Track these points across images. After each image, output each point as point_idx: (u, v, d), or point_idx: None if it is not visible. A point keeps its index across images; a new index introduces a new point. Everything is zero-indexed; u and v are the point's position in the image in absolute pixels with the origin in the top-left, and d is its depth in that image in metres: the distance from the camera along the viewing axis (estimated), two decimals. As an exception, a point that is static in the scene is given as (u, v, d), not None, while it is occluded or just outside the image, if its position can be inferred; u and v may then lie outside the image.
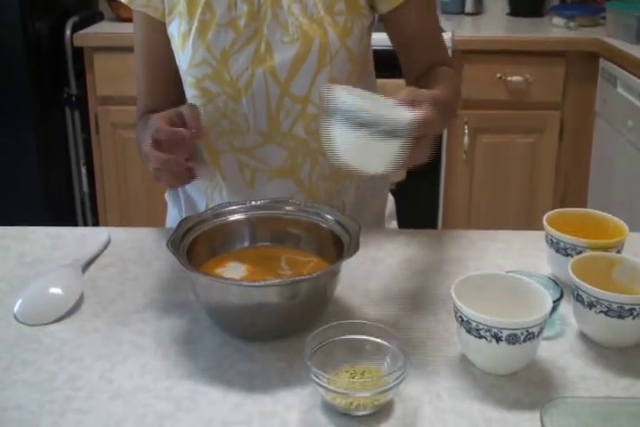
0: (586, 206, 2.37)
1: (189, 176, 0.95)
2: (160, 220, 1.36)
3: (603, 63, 2.33)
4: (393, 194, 1.37)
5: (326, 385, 0.72)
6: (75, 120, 2.56)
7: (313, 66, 1.08)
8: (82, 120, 2.55)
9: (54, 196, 2.53)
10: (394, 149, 0.82)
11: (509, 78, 2.38)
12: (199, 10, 1.07)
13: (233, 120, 1.12)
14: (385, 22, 1.15)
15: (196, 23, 1.07)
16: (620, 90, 2.20)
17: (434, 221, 2.53)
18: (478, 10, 2.82)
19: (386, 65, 1.28)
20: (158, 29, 1.13)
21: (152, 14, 1.11)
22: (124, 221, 2.56)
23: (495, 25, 2.73)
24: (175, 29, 1.10)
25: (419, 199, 2.42)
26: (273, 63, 1.07)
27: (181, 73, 1.13)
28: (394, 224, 1.33)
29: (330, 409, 0.74)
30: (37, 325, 0.89)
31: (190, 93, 1.13)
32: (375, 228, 1.26)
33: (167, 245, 0.87)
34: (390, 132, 0.81)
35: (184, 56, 1.09)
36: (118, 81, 2.41)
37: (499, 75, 2.39)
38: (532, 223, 1.03)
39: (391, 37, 1.17)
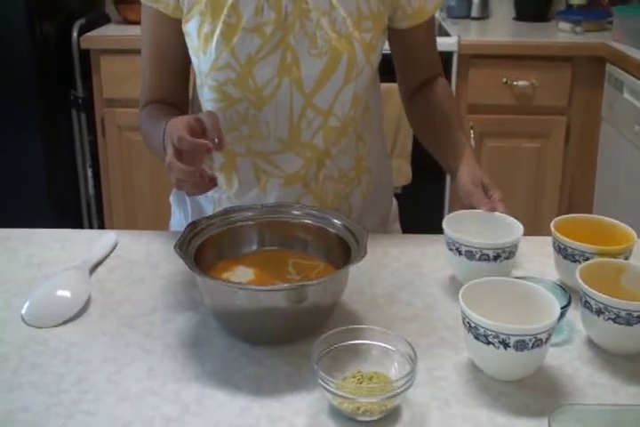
0: (592, 212, 2.37)
1: (211, 185, 0.93)
2: (166, 222, 1.36)
3: (609, 68, 2.33)
4: (399, 197, 1.37)
5: (334, 390, 0.72)
6: (81, 122, 2.57)
7: (339, 81, 1.08)
8: (88, 122, 2.56)
9: (60, 198, 2.54)
10: None
11: (515, 83, 2.38)
12: (224, 11, 1.05)
13: (253, 126, 1.11)
14: (393, 37, 1.18)
15: (220, 25, 1.05)
16: (626, 95, 2.19)
17: (439, 225, 2.53)
18: (484, 14, 2.82)
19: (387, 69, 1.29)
20: (167, 24, 1.11)
21: (162, 10, 1.10)
22: (130, 223, 2.57)
23: (501, 29, 2.73)
24: (194, 29, 1.08)
25: (424, 203, 2.42)
26: (300, 75, 1.07)
27: (200, 75, 1.11)
28: (397, 226, 1.34)
29: (337, 414, 0.74)
30: (45, 327, 0.89)
31: (209, 96, 1.11)
32: (379, 230, 1.26)
33: (175, 248, 0.87)
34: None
35: (206, 58, 1.08)
36: (125, 83, 2.41)
37: (504, 79, 2.39)
38: (538, 228, 1.03)
39: (396, 51, 1.22)
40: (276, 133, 1.11)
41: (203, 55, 1.08)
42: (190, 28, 1.09)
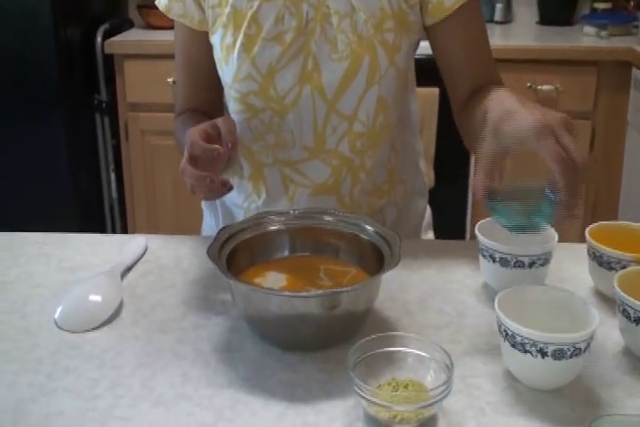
0: (617, 218, 2.34)
1: (225, 190, 0.94)
2: (188, 227, 1.36)
3: (635, 72, 2.31)
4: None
5: (369, 398, 0.72)
6: (104, 126, 2.58)
7: (361, 85, 1.07)
8: (111, 126, 2.57)
9: (83, 201, 2.55)
10: None
11: (540, 87, 2.37)
12: (245, 23, 1.05)
13: (278, 135, 1.11)
14: (429, 37, 1.12)
15: (241, 36, 1.06)
16: (652, 100, 2.18)
17: (462, 229, 2.52)
18: (507, 18, 2.80)
19: (425, 74, 1.27)
20: (196, 38, 1.13)
21: (188, 24, 1.12)
22: (152, 227, 2.57)
23: (525, 34, 2.71)
24: (218, 41, 1.09)
25: (447, 206, 2.41)
26: (321, 81, 1.06)
27: (225, 86, 1.12)
28: (430, 235, 1.33)
29: (373, 422, 0.73)
30: (78, 331, 0.89)
31: (234, 107, 1.12)
32: (412, 239, 1.25)
33: (207, 252, 0.87)
34: None
35: (228, 70, 1.09)
36: (148, 88, 2.43)
37: (529, 84, 2.37)
38: (563, 235, 1.02)
39: (435, 55, 1.13)
40: (301, 141, 1.11)
41: (225, 66, 1.09)
42: (215, 41, 1.10)
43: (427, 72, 1.27)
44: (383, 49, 1.06)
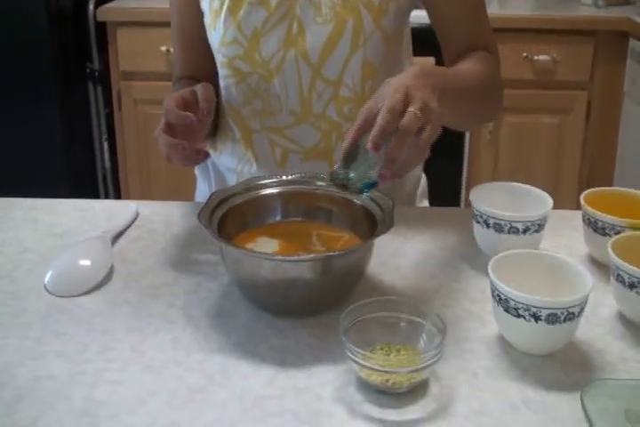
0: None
1: (200, 158, 0.94)
2: (182, 196, 1.35)
3: (632, 43, 2.28)
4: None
5: (362, 362, 0.71)
6: (97, 95, 2.55)
7: (346, 49, 1.05)
8: (104, 95, 2.54)
9: (77, 170, 2.53)
10: None
11: (536, 57, 2.35)
12: None
13: (265, 100, 1.10)
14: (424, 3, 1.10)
15: (227, 0, 1.05)
16: (650, 70, 2.16)
17: (457, 198, 2.51)
18: (505, -12, 2.77)
19: (421, 43, 1.25)
20: (189, 5, 1.13)
21: None
22: (146, 196, 2.56)
23: (522, 3, 2.68)
24: (207, 6, 1.09)
25: (442, 179, 2.40)
26: (305, 45, 1.05)
27: (213, 51, 1.11)
28: (425, 203, 1.32)
29: (364, 386, 0.73)
30: (68, 296, 0.89)
31: (222, 72, 1.12)
32: (406, 206, 1.25)
33: (198, 217, 0.86)
34: None
35: (215, 34, 1.08)
36: (141, 56, 2.40)
37: (525, 54, 2.35)
38: (557, 204, 1.01)
39: (429, 17, 1.11)
40: (287, 106, 1.10)
41: (213, 31, 1.08)
42: (204, 6, 1.10)
43: (422, 41, 1.25)
44: (368, 11, 1.04)
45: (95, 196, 2.63)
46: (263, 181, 0.97)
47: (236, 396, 0.72)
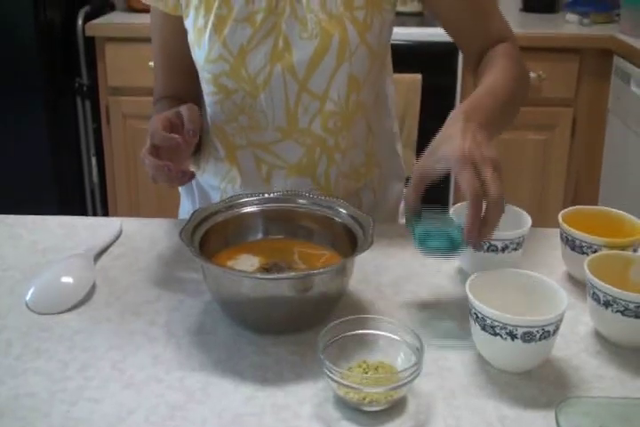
0: (597, 204, 2.36)
1: (185, 179, 0.96)
2: (170, 211, 1.36)
3: (617, 60, 2.31)
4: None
5: (339, 380, 0.72)
6: (85, 110, 2.56)
7: (332, 63, 1.06)
8: (93, 110, 2.55)
9: (64, 185, 2.53)
10: None
11: (522, 75, 2.37)
12: (216, 4, 1.05)
13: (251, 116, 1.11)
14: (426, 5, 1.13)
15: (212, 18, 1.05)
16: (633, 88, 2.18)
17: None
18: (492, 5, 2.79)
19: (407, 60, 1.26)
20: (170, 22, 1.13)
21: (162, 8, 1.11)
22: (134, 211, 2.56)
23: (508, 21, 2.70)
24: (191, 24, 1.09)
25: (429, 195, 2.42)
26: (291, 60, 1.06)
27: (198, 68, 1.12)
28: (405, 220, 1.33)
29: (342, 404, 0.74)
30: (49, 313, 0.89)
31: (207, 89, 1.12)
32: (389, 222, 1.26)
33: (180, 235, 0.87)
34: None
35: (200, 52, 1.08)
36: (129, 71, 2.41)
37: (511, 71, 2.37)
38: (543, 221, 1.03)
39: (439, 19, 1.12)
40: (274, 122, 1.11)
41: (197, 48, 1.09)
42: (188, 24, 1.10)
43: (409, 58, 1.26)
44: (353, 27, 1.06)
45: (83, 212, 2.63)
46: (245, 199, 0.97)
47: (215, 413, 0.73)
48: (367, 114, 1.15)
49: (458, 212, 0.96)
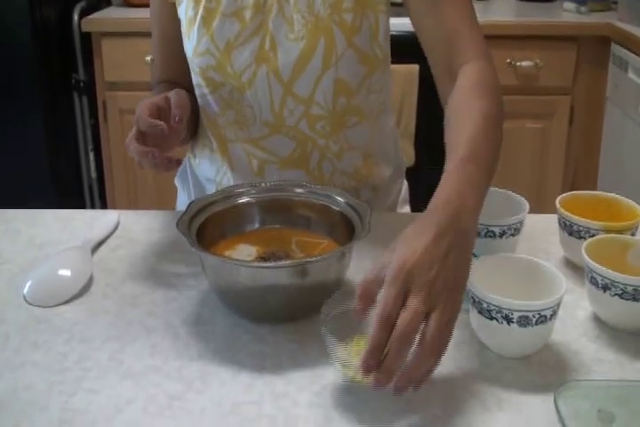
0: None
1: (171, 165, 0.94)
2: (168, 206, 1.35)
3: (614, 48, 2.30)
4: (402, 179, 1.35)
5: (342, 355, 0.72)
6: (82, 106, 2.55)
7: (317, 67, 1.04)
8: (90, 106, 2.55)
9: (62, 181, 2.53)
10: None
11: (519, 63, 2.36)
12: None
13: (238, 111, 1.10)
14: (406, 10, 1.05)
15: (201, 10, 1.05)
16: (631, 75, 2.17)
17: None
18: (488, -6, 2.79)
19: (404, 50, 1.24)
20: (168, 9, 1.13)
21: None
22: (132, 207, 2.56)
23: (505, 9, 2.70)
24: (183, 13, 1.09)
25: (428, 185, 2.41)
26: (277, 62, 1.04)
27: (188, 60, 1.12)
28: (406, 209, 1.32)
29: (341, 391, 0.74)
30: (47, 306, 0.89)
31: (196, 81, 1.12)
32: (387, 212, 1.25)
33: (177, 225, 0.87)
34: None
35: (189, 43, 1.08)
36: (126, 67, 2.40)
37: (508, 60, 2.36)
38: (542, 209, 1.03)
39: (414, 28, 1.05)
40: (261, 118, 1.09)
41: (187, 40, 1.08)
42: (180, 13, 1.10)
43: (406, 49, 1.25)
44: (340, 30, 1.03)
45: (81, 207, 2.62)
46: (241, 189, 0.97)
47: (214, 402, 0.73)
48: (368, 118, 1.13)
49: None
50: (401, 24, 1.16)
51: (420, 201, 1.37)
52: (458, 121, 0.89)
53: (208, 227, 0.92)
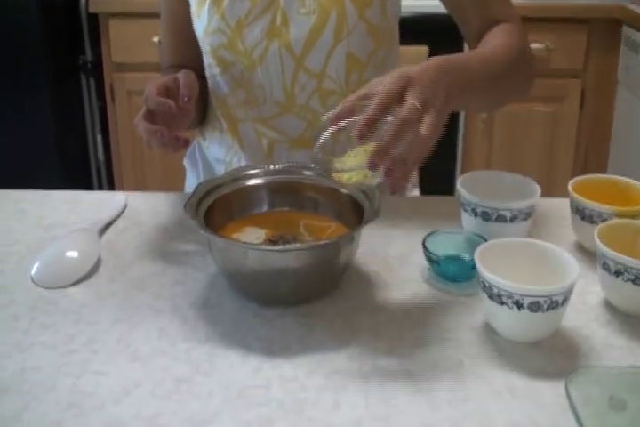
0: (606, 177, 2.34)
1: (179, 145, 0.93)
2: (176, 188, 1.35)
3: (626, 30, 2.28)
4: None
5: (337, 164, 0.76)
6: (90, 88, 2.54)
7: (329, 40, 1.04)
8: (97, 88, 2.53)
9: (70, 163, 2.53)
10: None
11: (530, 46, 2.33)
12: None
13: (249, 90, 1.10)
14: None
15: None
16: (643, 58, 2.15)
17: (451, 191, 2.50)
18: (499, -24, 2.75)
19: (413, 31, 1.23)
20: None
21: None
22: (140, 188, 2.55)
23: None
24: None
25: (436, 168, 2.39)
26: (288, 37, 1.04)
27: (198, 40, 1.11)
28: (415, 192, 1.31)
29: (349, 375, 0.73)
30: (55, 288, 0.89)
31: (207, 61, 1.11)
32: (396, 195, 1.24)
33: (184, 208, 0.86)
34: None
35: (199, 23, 1.08)
36: (134, 48, 2.38)
37: (519, 42, 2.34)
38: (552, 193, 1.02)
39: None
40: (272, 97, 1.09)
41: (197, 19, 1.08)
42: None
43: (415, 29, 1.24)
44: (352, 3, 1.03)
45: (89, 188, 2.62)
46: (250, 172, 0.96)
47: (221, 386, 0.72)
48: None
49: (466, 183, 0.95)
50: (411, 5, 1.15)
51: (426, 182, 1.36)
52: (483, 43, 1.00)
53: (216, 209, 0.91)
